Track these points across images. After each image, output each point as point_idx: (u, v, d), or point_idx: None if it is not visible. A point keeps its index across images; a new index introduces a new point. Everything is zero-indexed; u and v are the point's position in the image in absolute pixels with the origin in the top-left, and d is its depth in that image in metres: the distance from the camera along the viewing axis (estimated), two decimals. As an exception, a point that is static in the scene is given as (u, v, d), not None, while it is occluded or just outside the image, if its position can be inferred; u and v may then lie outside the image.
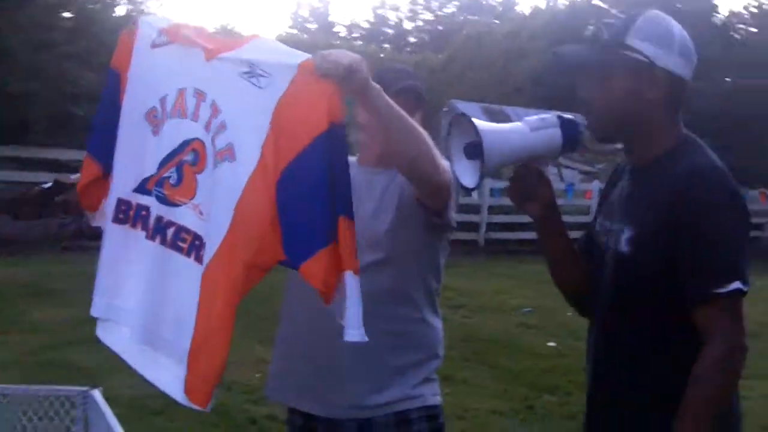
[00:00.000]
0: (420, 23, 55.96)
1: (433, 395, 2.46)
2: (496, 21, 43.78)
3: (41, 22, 14.88)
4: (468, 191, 2.18)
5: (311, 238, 1.86)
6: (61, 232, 11.86)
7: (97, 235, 2.40)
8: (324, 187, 1.83)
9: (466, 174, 2.02)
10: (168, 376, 2.07)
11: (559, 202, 2.21)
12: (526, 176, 2.11)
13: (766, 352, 8.25)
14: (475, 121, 1.97)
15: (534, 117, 2.03)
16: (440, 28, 52.40)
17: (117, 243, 2.31)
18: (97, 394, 2.70)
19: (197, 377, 1.99)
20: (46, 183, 12.02)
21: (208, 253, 2.00)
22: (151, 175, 2.20)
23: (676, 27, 2.02)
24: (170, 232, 2.13)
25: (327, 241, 1.83)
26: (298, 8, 61.40)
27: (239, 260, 1.93)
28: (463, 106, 26.34)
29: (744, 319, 1.89)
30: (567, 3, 35.06)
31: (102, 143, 2.33)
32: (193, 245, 2.06)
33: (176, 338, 2.04)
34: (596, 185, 16.37)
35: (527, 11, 44.13)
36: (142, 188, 2.24)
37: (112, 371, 3.05)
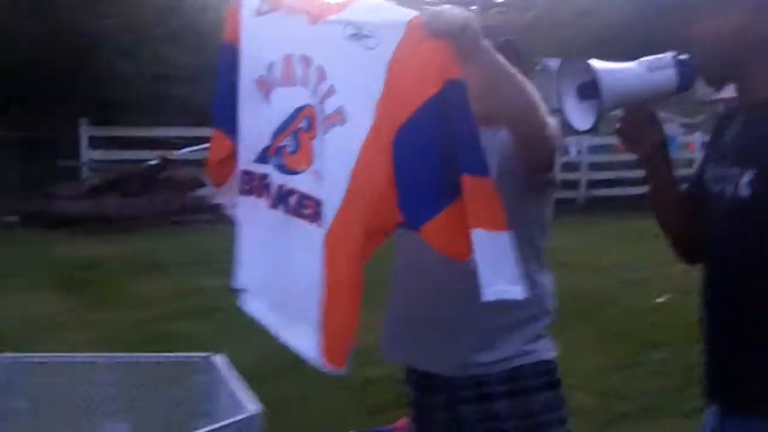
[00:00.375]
0: (509, -15, 55.12)
1: (547, 351, 2.44)
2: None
3: (132, 4, 15.22)
4: (582, 133, 2.10)
5: (430, 199, 1.83)
6: (167, 207, 12.14)
7: (200, 209, 2.43)
8: (440, 146, 1.80)
9: (578, 116, 1.99)
10: (306, 342, 2.06)
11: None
12: (638, 116, 2.08)
13: None
14: (593, 61, 1.92)
15: (650, 57, 1.97)
16: (527, -13, 51.53)
17: (249, 215, 2.31)
18: (219, 359, 2.74)
19: (332, 340, 1.99)
20: (151, 161, 12.31)
21: (329, 217, 1.99)
22: (269, 146, 2.20)
23: None
24: (293, 199, 2.12)
25: (446, 203, 1.80)
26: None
27: (360, 224, 1.91)
28: (551, 61, 25.99)
29: None
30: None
31: (228, 117, 2.32)
32: (317, 212, 2.04)
33: (307, 305, 2.03)
34: (699, 137, 15.95)
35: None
36: (262, 158, 2.23)
37: (221, 342, 3.13)
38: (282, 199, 2.16)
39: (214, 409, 2.61)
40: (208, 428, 2.15)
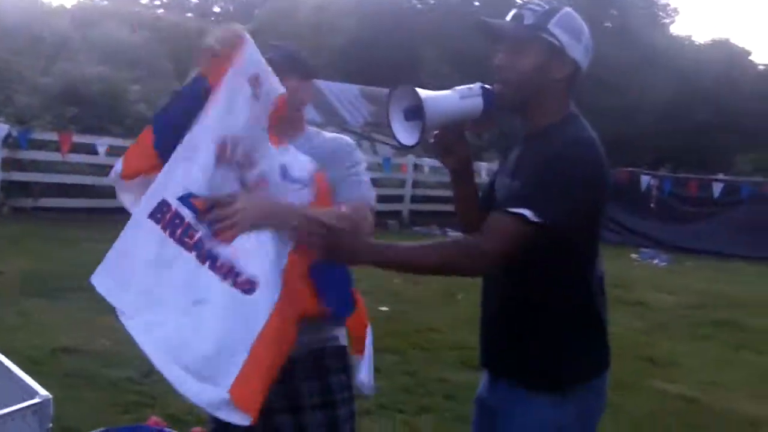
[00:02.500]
0: (225, -8, 54.98)
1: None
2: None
3: None
4: (407, 148, 2.47)
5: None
6: None
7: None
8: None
9: (404, 133, 2.31)
10: (206, 395, 2.25)
11: (377, 175, 2.56)
12: (451, 135, 2.43)
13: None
14: (419, 89, 2.24)
15: (463, 87, 2.31)
16: (245, -1, 51.74)
17: (145, 238, 2.33)
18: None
19: (247, 393, 2.23)
20: None
21: (267, 300, 2.30)
22: (198, 195, 2.32)
23: (586, 26, 2.36)
24: (222, 265, 2.32)
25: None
26: (96, -28, 58.70)
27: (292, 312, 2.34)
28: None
29: (510, 242, 2.17)
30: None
31: (167, 137, 2.36)
32: (252, 287, 2.30)
33: (222, 367, 2.24)
34: (411, 159, 16.92)
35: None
36: (185, 200, 2.32)
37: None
38: (211, 257, 2.32)
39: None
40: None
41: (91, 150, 13.27)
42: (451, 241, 2.33)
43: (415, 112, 2.25)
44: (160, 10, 48.11)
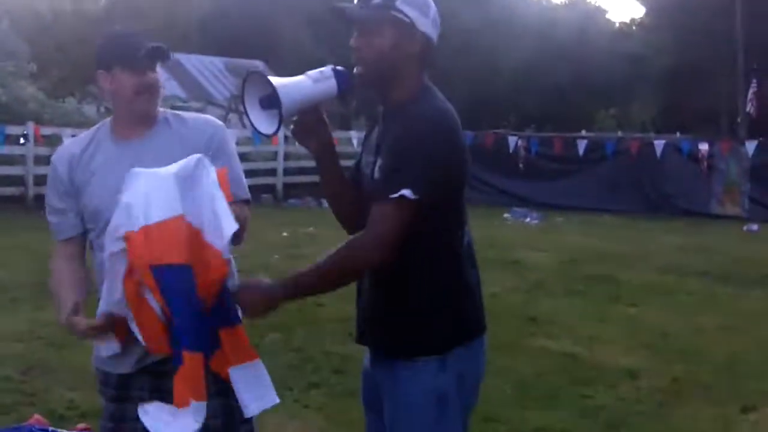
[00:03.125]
0: (75, -32, 53.00)
1: None
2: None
3: None
4: (268, 137, 2.48)
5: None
6: None
7: None
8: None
9: (263, 122, 2.34)
10: None
11: (248, 149, 2.52)
12: (309, 119, 2.43)
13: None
14: (271, 78, 2.28)
15: (314, 71, 2.35)
16: (98, -27, 50.01)
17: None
18: None
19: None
20: None
21: None
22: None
23: (432, 1, 2.43)
24: None
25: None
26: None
27: None
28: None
29: (399, 225, 2.25)
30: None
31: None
32: None
33: None
34: (281, 131, 16.78)
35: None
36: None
37: None
38: None
39: None
40: None
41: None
42: (343, 245, 2.31)
43: (270, 100, 2.28)
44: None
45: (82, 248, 2.68)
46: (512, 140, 18.11)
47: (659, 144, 16.83)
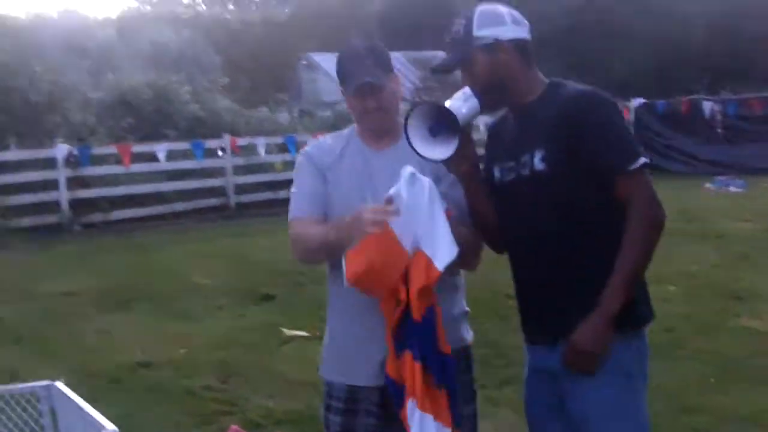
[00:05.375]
0: (260, -20, 55.01)
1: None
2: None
3: None
4: (445, 161, 2.44)
5: None
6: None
7: None
8: None
9: (432, 149, 2.39)
10: None
11: None
12: (463, 138, 2.40)
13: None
14: (441, 103, 2.38)
15: (458, 93, 2.44)
16: (284, -19, 51.69)
17: None
18: (59, 385, 2.68)
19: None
20: None
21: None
22: None
23: (502, 7, 2.53)
24: None
25: None
26: (135, -20, 58.98)
27: None
28: (320, 56, 26.40)
29: (653, 186, 2.39)
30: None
31: None
32: None
33: None
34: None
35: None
36: None
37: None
38: None
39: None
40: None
41: (152, 157, 13.53)
42: (634, 227, 2.35)
43: (440, 125, 2.38)
44: (202, 7, 48.48)
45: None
46: (707, 105, 17.27)
47: None
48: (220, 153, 14.95)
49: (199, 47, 26.47)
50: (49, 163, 12.74)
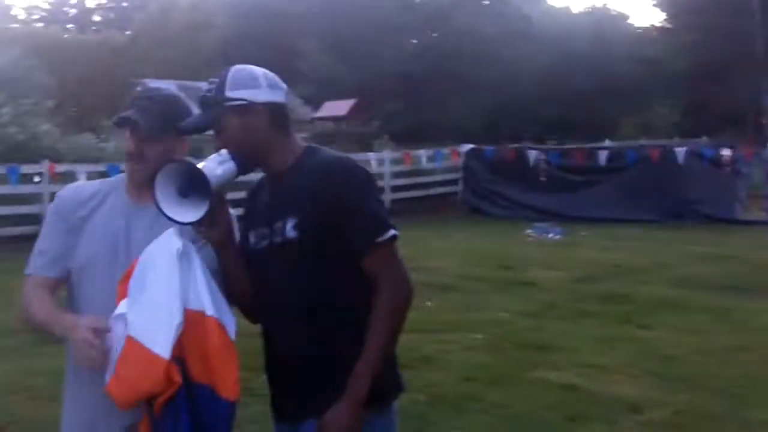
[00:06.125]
0: (103, 0, 53.77)
1: None
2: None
3: None
4: (191, 224, 2.32)
5: None
6: None
7: None
8: None
9: (180, 212, 2.28)
10: None
11: None
12: (216, 204, 2.32)
13: (460, 304, 8.92)
14: (194, 162, 2.29)
15: (213, 155, 2.36)
16: (125, 4, 50.70)
17: None
18: None
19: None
20: None
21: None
22: None
23: (258, 69, 2.48)
24: None
25: None
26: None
27: None
28: (156, 84, 25.78)
29: (403, 260, 2.39)
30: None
31: None
32: None
33: None
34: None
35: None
36: None
37: None
38: None
39: None
40: None
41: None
42: (379, 306, 2.33)
43: (191, 185, 2.27)
44: (39, 24, 46.79)
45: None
46: (533, 154, 17.90)
47: (681, 151, 16.49)
48: (36, 179, 14.28)
49: (31, 67, 25.42)
50: None
